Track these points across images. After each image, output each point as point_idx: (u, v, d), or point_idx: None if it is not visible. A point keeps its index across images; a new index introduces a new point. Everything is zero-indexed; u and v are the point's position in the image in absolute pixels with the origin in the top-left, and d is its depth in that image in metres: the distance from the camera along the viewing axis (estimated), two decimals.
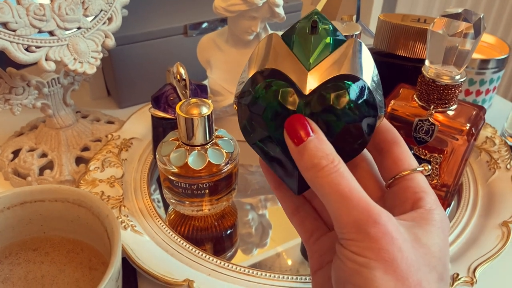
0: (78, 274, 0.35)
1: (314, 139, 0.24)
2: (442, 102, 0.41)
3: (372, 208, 0.22)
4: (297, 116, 0.24)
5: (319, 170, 0.23)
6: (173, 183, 0.41)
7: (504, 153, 0.51)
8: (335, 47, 0.25)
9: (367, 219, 0.22)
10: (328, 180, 0.23)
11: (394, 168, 0.26)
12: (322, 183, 0.23)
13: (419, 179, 0.26)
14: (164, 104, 0.46)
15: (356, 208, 0.22)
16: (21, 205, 0.35)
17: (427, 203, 0.25)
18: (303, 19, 0.25)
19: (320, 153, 0.24)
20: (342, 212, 0.23)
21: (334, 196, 0.23)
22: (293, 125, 0.24)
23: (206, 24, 0.62)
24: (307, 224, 0.29)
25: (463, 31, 0.36)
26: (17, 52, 0.39)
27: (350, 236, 0.22)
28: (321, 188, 0.23)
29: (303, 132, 0.24)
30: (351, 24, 0.48)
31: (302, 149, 0.24)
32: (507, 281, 0.41)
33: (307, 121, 0.24)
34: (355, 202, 0.22)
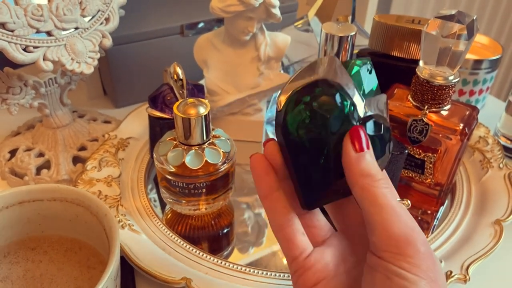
0: (77, 272, 0.35)
1: (370, 152, 0.25)
2: (436, 102, 0.41)
3: (418, 228, 0.24)
4: (360, 127, 0.25)
5: (376, 180, 0.24)
6: (170, 182, 0.41)
7: (497, 152, 0.51)
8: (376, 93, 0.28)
9: (417, 237, 0.23)
10: (383, 192, 0.24)
11: None
12: (377, 193, 0.24)
13: None
14: (161, 104, 0.46)
15: (407, 224, 0.23)
16: (20, 204, 0.35)
17: None
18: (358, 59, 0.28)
19: (376, 167, 0.25)
20: (393, 224, 0.23)
21: (387, 208, 0.24)
22: (357, 134, 0.25)
23: (203, 24, 0.62)
24: (296, 241, 0.27)
25: (456, 32, 0.37)
26: (15, 52, 0.40)
27: (399, 250, 0.23)
28: (374, 197, 0.24)
29: (364, 142, 0.25)
30: (347, 25, 0.48)
31: (362, 156, 0.25)
32: (499, 278, 0.42)
33: (366, 135, 0.25)
34: (406, 218, 0.24)
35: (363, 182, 0.24)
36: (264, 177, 0.27)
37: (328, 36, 0.47)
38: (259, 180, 0.27)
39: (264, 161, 0.27)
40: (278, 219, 0.27)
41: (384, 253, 0.23)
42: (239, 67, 0.53)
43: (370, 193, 0.24)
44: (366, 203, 0.24)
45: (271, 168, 0.27)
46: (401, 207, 0.24)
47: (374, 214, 0.24)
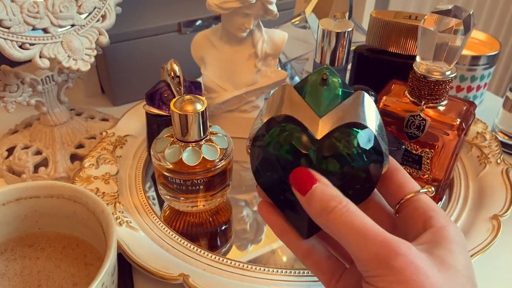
0: (74, 269, 0.35)
1: (319, 185, 0.25)
2: (433, 98, 0.41)
3: (389, 240, 0.23)
4: (300, 169, 0.25)
5: (330, 212, 0.24)
6: (167, 179, 0.41)
7: (495, 148, 0.51)
8: (344, 98, 0.27)
9: (388, 252, 0.22)
10: (341, 220, 0.24)
11: (398, 192, 0.27)
12: (335, 224, 0.24)
13: (425, 199, 0.26)
14: (158, 101, 0.46)
15: (374, 243, 0.23)
16: (17, 201, 0.35)
17: (438, 221, 0.25)
18: (315, 73, 0.27)
19: (327, 196, 0.24)
20: (361, 250, 0.23)
21: (350, 235, 0.23)
22: (297, 177, 0.25)
23: (200, 21, 0.62)
24: (324, 266, 0.28)
25: (453, 27, 0.37)
26: (11, 50, 0.39)
27: (375, 273, 0.22)
28: (336, 229, 0.24)
29: (307, 182, 0.25)
30: (344, 21, 0.48)
31: (310, 197, 0.25)
32: (497, 273, 0.42)
33: (310, 172, 0.25)
34: (372, 237, 0.23)
35: (321, 220, 0.24)
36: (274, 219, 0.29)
37: (325, 33, 0.47)
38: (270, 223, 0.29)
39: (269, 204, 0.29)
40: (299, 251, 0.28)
41: (368, 278, 0.23)
42: (236, 64, 0.53)
43: (331, 228, 0.24)
44: (335, 237, 0.24)
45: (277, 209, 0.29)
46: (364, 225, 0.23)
47: (344, 245, 0.24)
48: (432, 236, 0.24)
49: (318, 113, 0.26)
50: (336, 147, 0.25)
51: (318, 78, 0.27)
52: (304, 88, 0.27)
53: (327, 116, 0.26)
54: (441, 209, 0.26)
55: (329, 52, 0.48)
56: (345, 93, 0.27)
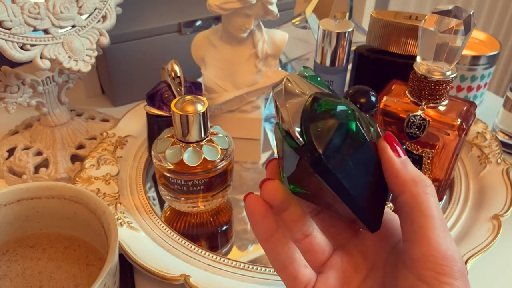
0: (75, 270, 0.35)
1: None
2: (434, 98, 0.41)
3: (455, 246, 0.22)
4: (390, 133, 0.24)
5: (427, 186, 0.23)
6: (168, 179, 0.41)
7: (495, 148, 0.51)
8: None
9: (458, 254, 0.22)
10: (435, 201, 0.22)
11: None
12: (429, 202, 0.22)
13: None
14: (159, 101, 0.46)
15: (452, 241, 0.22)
16: (18, 202, 0.35)
17: None
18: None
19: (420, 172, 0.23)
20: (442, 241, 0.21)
21: (436, 222, 0.22)
22: (393, 139, 0.24)
23: (200, 22, 0.62)
24: (300, 276, 0.26)
25: (453, 27, 0.37)
26: (12, 51, 0.40)
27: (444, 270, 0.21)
28: (426, 207, 0.22)
29: (400, 148, 0.24)
30: (344, 21, 0.48)
31: (406, 161, 0.23)
32: (498, 272, 0.42)
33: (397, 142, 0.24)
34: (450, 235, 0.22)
35: (415, 189, 0.22)
36: (263, 221, 0.25)
37: (326, 33, 0.47)
38: (258, 225, 0.25)
39: (261, 203, 0.25)
40: (280, 260, 0.26)
41: (426, 271, 0.21)
42: (237, 64, 0.53)
43: (422, 202, 0.22)
44: (415, 213, 0.22)
45: (268, 209, 0.25)
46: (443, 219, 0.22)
47: (423, 227, 0.22)
48: None
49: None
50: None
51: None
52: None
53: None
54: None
55: (330, 52, 0.48)
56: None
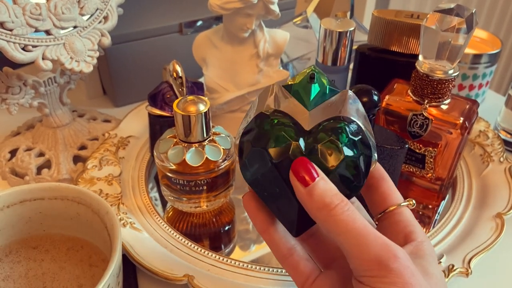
0: (79, 271, 0.35)
1: (321, 180, 0.24)
2: (436, 97, 0.41)
3: (389, 243, 0.23)
4: (301, 160, 0.25)
5: (332, 209, 0.24)
6: (171, 180, 0.41)
7: (497, 146, 0.51)
8: (331, 96, 0.27)
9: (388, 254, 0.23)
10: (343, 218, 0.24)
11: (382, 203, 0.28)
12: (337, 221, 0.24)
13: (407, 213, 0.28)
14: (161, 102, 0.46)
15: (376, 244, 0.23)
16: (21, 203, 0.35)
17: (418, 236, 0.27)
18: (302, 73, 0.28)
19: (329, 192, 0.24)
20: (362, 249, 0.23)
21: (352, 234, 0.23)
22: (299, 168, 0.24)
23: (201, 22, 0.62)
24: (301, 268, 0.28)
25: (455, 26, 0.37)
26: (14, 52, 0.39)
27: (373, 273, 0.23)
28: (336, 226, 0.24)
29: (309, 174, 0.24)
30: (345, 21, 0.48)
31: (311, 190, 0.24)
32: (501, 271, 0.42)
33: (311, 164, 0.25)
34: (373, 239, 0.23)
35: (321, 215, 0.24)
36: (257, 214, 0.28)
37: (327, 32, 0.47)
38: (254, 218, 0.28)
39: (254, 198, 0.28)
40: (279, 251, 0.28)
41: (362, 278, 0.23)
42: (238, 64, 0.53)
43: (331, 224, 0.24)
44: (332, 234, 0.24)
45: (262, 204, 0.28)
46: (365, 226, 0.24)
47: (343, 242, 0.24)
48: (413, 249, 0.26)
49: (307, 107, 0.27)
50: (325, 136, 0.25)
51: (306, 76, 0.27)
52: (292, 86, 0.28)
53: (316, 109, 0.27)
54: (419, 224, 0.28)
55: (331, 52, 0.48)
56: (332, 91, 0.28)
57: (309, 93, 0.27)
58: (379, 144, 0.39)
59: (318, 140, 0.25)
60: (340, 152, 0.25)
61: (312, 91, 0.27)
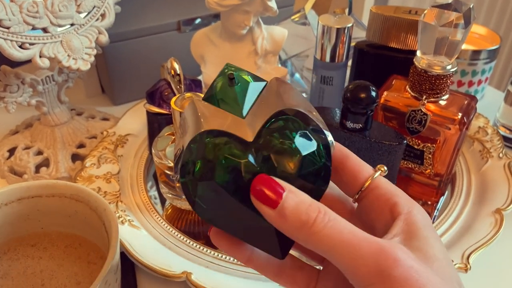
0: (77, 268, 0.35)
1: (289, 193, 0.21)
2: (434, 92, 0.41)
3: (385, 246, 0.20)
4: (260, 178, 0.21)
5: (312, 225, 0.21)
6: (169, 177, 0.41)
7: (497, 142, 0.51)
8: (260, 90, 0.24)
9: (387, 261, 0.20)
10: (326, 232, 0.21)
11: (354, 181, 0.25)
12: (321, 238, 0.21)
13: (383, 184, 0.25)
14: (159, 99, 0.46)
15: (370, 252, 0.20)
16: (19, 201, 0.35)
17: (403, 207, 0.23)
18: (218, 77, 0.24)
19: (303, 206, 0.21)
20: (358, 263, 0.20)
21: (341, 248, 0.20)
22: (259, 188, 0.21)
23: (200, 19, 0.62)
24: (298, 279, 0.25)
25: (453, 21, 0.37)
26: (11, 49, 0.39)
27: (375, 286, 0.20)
28: (322, 244, 0.21)
29: (274, 192, 0.21)
30: (344, 17, 0.48)
31: (282, 210, 0.21)
32: (500, 267, 0.41)
33: (272, 179, 0.21)
34: (366, 246, 0.20)
35: (301, 235, 0.21)
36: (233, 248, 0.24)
37: (325, 29, 0.47)
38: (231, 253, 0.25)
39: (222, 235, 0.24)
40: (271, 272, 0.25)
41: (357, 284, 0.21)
42: (236, 61, 0.53)
43: (315, 242, 0.21)
44: (319, 252, 0.21)
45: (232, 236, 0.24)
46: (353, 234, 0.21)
47: (333, 259, 0.21)
48: (404, 225, 0.23)
49: (240, 115, 0.23)
50: (272, 142, 0.22)
51: (224, 80, 0.24)
52: (214, 97, 0.24)
53: (250, 114, 0.23)
54: (401, 190, 0.24)
55: (329, 48, 0.48)
56: (258, 85, 0.24)
57: (236, 98, 0.23)
58: (377, 141, 0.39)
59: (267, 148, 0.21)
60: (296, 152, 0.22)
61: (238, 95, 0.24)
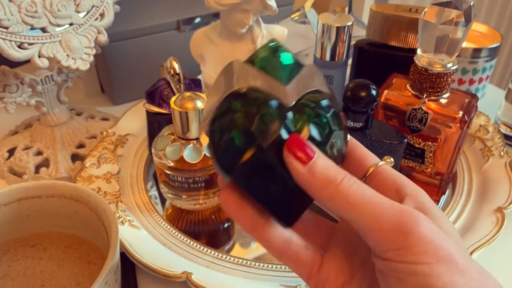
0: (77, 268, 0.35)
1: (319, 156, 0.22)
2: (435, 90, 0.41)
3: (406, 208, 0.21)
4: (295, 137, 0.22)
5: (339, 183, 0.22)
6: (169, 177, 0.41)
7: (498, 140, 0.51)
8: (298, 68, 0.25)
9: (408, 219, 0.20)
10: (352, 191, 0.22)
11: (362, 166, 0.26)
12: (346, 196, 0.21)
13: (389, 169, 0.25)
14: (158, 99, 0.46)
15: (393, 211, 0.21)
16: (18, 201, 0.35)
17: (410, 188, 0.24)
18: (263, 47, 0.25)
19: (332, 167, 0.22)
20: (381, 219, 0.21)
21: (366, 206, 0.21)
22: (294, 147, 0.22)
23: (199, 19, 0.62)
24: (303, 259, 0.25)
25: (454, 19, 0.37)
26: (10, 49, 0.39)
27: (398, 245, 0.20)
28: (347, 202, 0.21)
29: (305, 152, 0.22)
30: (344, 16, 0.48)
31: (313, 167, 0.22)
32: (502, 266, 0.41)
33: (306, 142, 0.23)
34: (389, 206, 0.21)
35: (328, 193, 0.22)
36: (241, 211, 0.24)
37: (325, 27, 0.47)
38: (237, 216, 0.24)
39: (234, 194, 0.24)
40: (275, 246, 0.25)
41: (387, 254, 0.21)
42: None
43: (340, 200, 0.22)
44: (342, 211, 0.22)
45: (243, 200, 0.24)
46: (376, 196, 0.21)
47: (357, 218, 0.21)
48: (415, 203, 0.23)
49: (281, 82, 0.24)
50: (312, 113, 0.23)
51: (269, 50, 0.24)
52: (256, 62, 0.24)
53: (291, 84, 0.24)
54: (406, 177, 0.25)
55: (329, 47, 0.48)
56: (298, 64, 0.25)
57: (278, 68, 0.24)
58: (377, 139, 0.39)
59: (305, 116, 0.23)
60: (328, 127, 0.24)
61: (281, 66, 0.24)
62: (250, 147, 0.22)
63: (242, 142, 0.22)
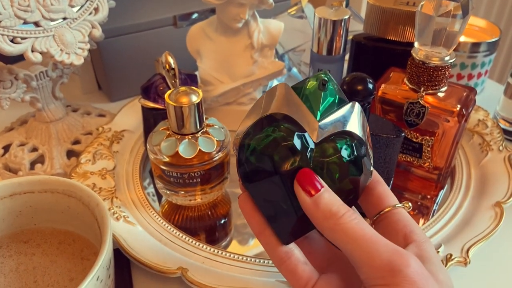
0: (70, 264, 0.35)
1: (326, 191, 0.25)
2: (432, 84, 0.40)
3: (400, 250, 0.23)
4: (307, 170, 0.25)
5: (340, 217, 0.24)
6: (164, 172, 0.41)
7: (497, 135, 0.51)
8: (340, 105, 0.27)
9: (400, 260, 0.22)
10: (352, 225, 0.24)
11: (378, 204, 0.28)
12: (345, 229, 0.24)
13: (404, 213, 0.27)
14: (154, 94, 0.46)
15: (387, 250, 0.23)
16: (11, 197, 0.35)
17: (418, 236, 0.26)
18: (314, 77, 0.28)
19: (336, 201, 0.25)
20: (374, 256, 0.23)
21: (362, 241, 0.23)
22: (305, 178, 0.25)
23: (196, 14, 0.61)
24: (300, 271, 0.26)
25: (451, 11, 0.36)
26: (2, 44, 0.39)
27: (386, 281, 0.22)
28: (345, 235, 0.24)
29: (314, 186, 0.25)
30: (341, 9, 0.47)
31: (318, 199, 0.25)
32: (500, 260, 0.41)
33: (316, 177, 0.25)
34: (384, 245, 0.23)
35: (328, 224, 0.24)
36: (254, 215, 0.27)
37: (322, 21, 0.47)
38: (250, 219, 0.28)
39: (251, 200, 0.27)
40: (277, 254, 0.27)
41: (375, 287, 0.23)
42: (233, 55, 0.52)
43: (339, 233, 0.24)
44: (340, 243, 0.24)
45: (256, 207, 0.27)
46: (374, 233, 0.24)
47: (352, 251, 0.24)
48: (417, 251, 0.25)
49: (316, 117, 0.26)
50: (332, 153, 0.26)
51: (317, 82, 0.27)
52: (302, 90, 0.27)
53: (325, 121, 0.26)
54: (418, 225, 0.27)
55: (326, 41, 0.47)
56: (340, 101, 0.27)
57: (319, 102, 0.27)
58: (374, 133, 0.39)
59: (325, 155, 0.26)
60: (346, 169, 0.26)
61: (322, 101, 0.27)
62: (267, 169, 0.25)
63: (261, 163, 0.25)
